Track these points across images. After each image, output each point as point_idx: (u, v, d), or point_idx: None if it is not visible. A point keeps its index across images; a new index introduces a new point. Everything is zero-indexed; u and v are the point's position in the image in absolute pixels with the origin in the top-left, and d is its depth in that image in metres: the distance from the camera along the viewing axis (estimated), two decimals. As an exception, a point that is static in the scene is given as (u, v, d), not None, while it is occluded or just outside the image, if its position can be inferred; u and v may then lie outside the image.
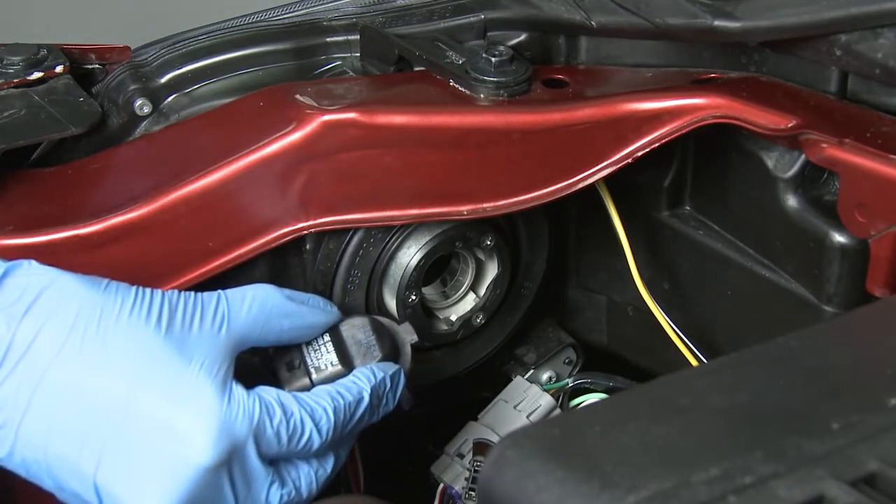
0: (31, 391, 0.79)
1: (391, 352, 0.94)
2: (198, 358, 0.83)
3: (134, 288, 0.84)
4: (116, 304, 0.82)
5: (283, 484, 0.87)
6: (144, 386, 0.81)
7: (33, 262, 0.83)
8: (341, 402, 0.88)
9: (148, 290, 0.84)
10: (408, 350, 0.96)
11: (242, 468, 0.83)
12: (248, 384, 0.86)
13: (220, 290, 0.87)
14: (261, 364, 0.93)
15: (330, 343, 0.92)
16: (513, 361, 1.20)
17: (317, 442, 0.86)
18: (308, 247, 1.02)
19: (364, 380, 0.90)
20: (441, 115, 0.98)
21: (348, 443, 0.92)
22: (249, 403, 0.83)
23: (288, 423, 0.85)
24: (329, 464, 0.90)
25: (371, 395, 0.90)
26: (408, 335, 0.97)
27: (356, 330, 0.94)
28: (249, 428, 0.83)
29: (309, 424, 0.86)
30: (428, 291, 1.09)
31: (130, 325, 0.82)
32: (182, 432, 0.81)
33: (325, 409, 0.87)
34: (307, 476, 0.88)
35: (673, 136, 1.00)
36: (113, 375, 0.81)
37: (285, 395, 0.86)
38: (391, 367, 0.93)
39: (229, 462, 0.82)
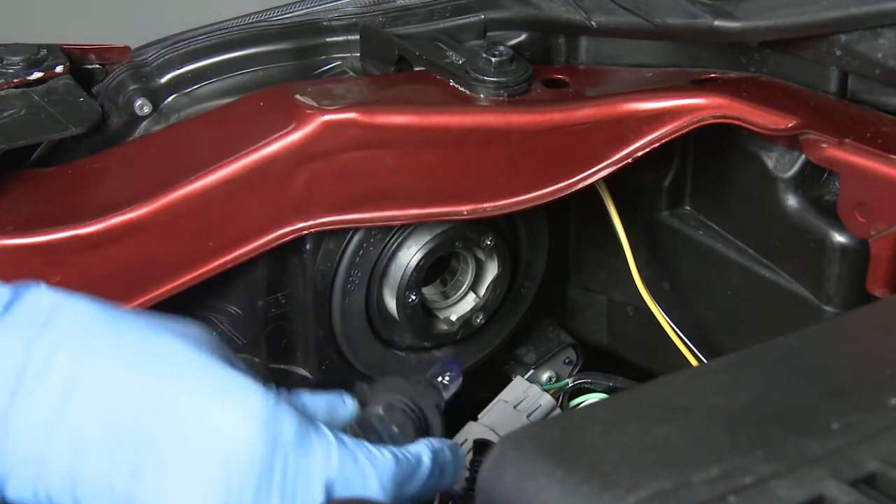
0: (54, 413, 0.73)
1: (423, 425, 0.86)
2: (232, 361, 0.78)
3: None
4: (131, 316, 0.78)
5: None
6: (179, 389, 0.75)
7: (42, 284, 0.78)
8: (402, 456, 0.79)
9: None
10: (437, 417, 0.87)
11: (287, 471, 0.75)
12: None
13: None
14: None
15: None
16: (513, 361, 1.20)
17: (376, 487, 0.77)
18: (308, 247, 1.02)
19: (423, 446, 0.81)
20: (441, 115, 0.98)
21: None
22: (295, 415, 0.75)
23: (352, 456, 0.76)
24: None
25: (432, 461, 0.81)
26: (434, 397, 0.88)
27: (393, 412, 0.85)
28: (297, 430, 0.75)
29: (369, 468, 0.77)
30: (428, 291, 1.09)
31: (153, 332, 0.77)
32: (224, 430, 0.74)
33: (386, 455, 0.78)
34: None
35: (673, 136, 1.00)
36: (141, 383, 0.75)
37: (343, 435, 0.77)
38: (447, 441, 0.84)
39: (274, 464, 0.74)
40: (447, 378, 0.89)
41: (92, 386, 0.74)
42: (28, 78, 1.03)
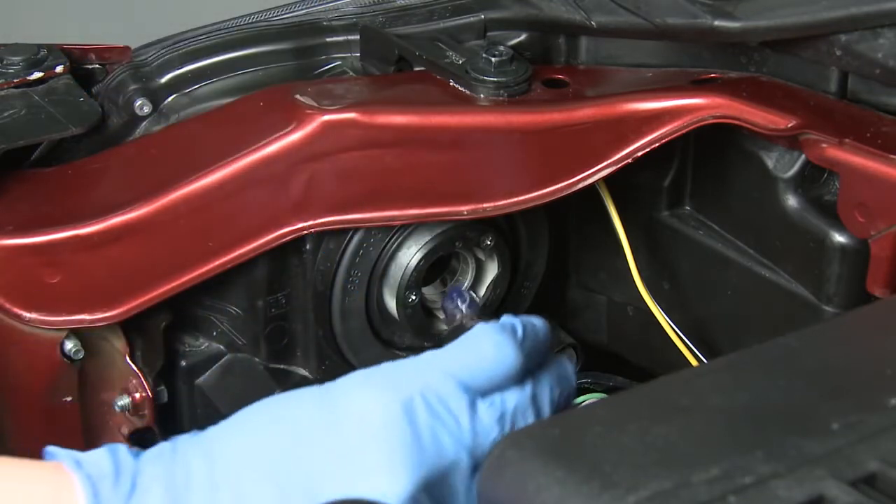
0: None
1: None
2: None
3: None
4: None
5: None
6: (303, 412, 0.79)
7: (120, 447, 0.79)
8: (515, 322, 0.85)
9: None
10: None
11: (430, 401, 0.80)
12: (247, 387, 0.84)
13: None
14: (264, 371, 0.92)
15: None
16: (513, 361, 1.20)
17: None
18: (308, 247, 1.02)
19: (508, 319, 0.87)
20: (441, 115, 0.98)
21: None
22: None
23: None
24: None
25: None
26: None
27: None
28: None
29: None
30: (428, 291, 1.09)
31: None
32: (362, 411, 0.78)
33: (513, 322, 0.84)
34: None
35: (673, 136, 1.00)
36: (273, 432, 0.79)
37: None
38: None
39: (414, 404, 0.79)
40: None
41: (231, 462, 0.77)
42: (28, 78, 1.03)
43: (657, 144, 1.00)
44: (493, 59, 1.01)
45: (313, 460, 0.78)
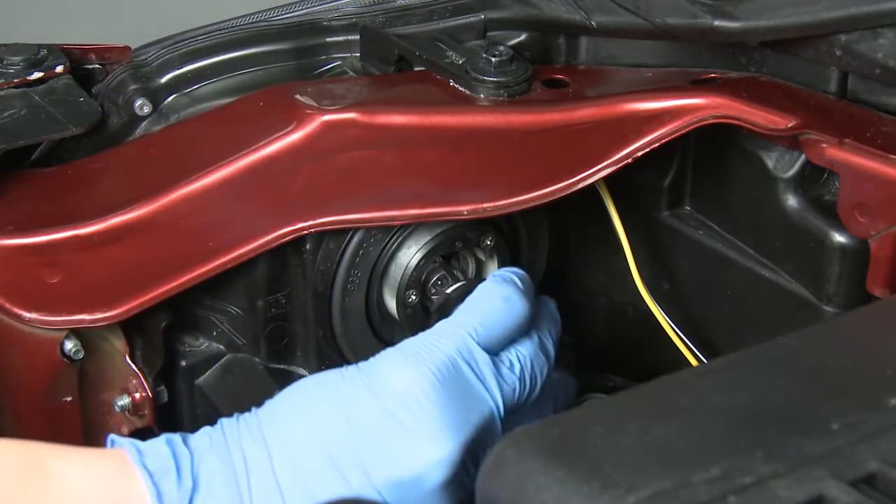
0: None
1: None
2: None
3: None
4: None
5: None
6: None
7: (175, 437, 0.83)
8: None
9: None
10: None
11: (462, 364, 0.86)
12: (247, 387, 0.86)
13: None
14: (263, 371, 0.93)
15: None
16: (513, 361, 1.20)
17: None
18: (308, 247, 1.02)
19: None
20: (441, 115, 0.98)
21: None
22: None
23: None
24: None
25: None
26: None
27: None
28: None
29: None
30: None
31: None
32: (397, 378, 0.85)
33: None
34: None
35: (673, 136, 1.00)
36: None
37: None
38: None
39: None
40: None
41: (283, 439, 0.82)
42: (28, 78, 1.03)
43: (657, 144, 1.00)
44: (493, 59, 1.01)
45: (363, 437, 0.82)
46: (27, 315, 0.93)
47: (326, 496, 0.80)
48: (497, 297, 0.91)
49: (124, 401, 0.98)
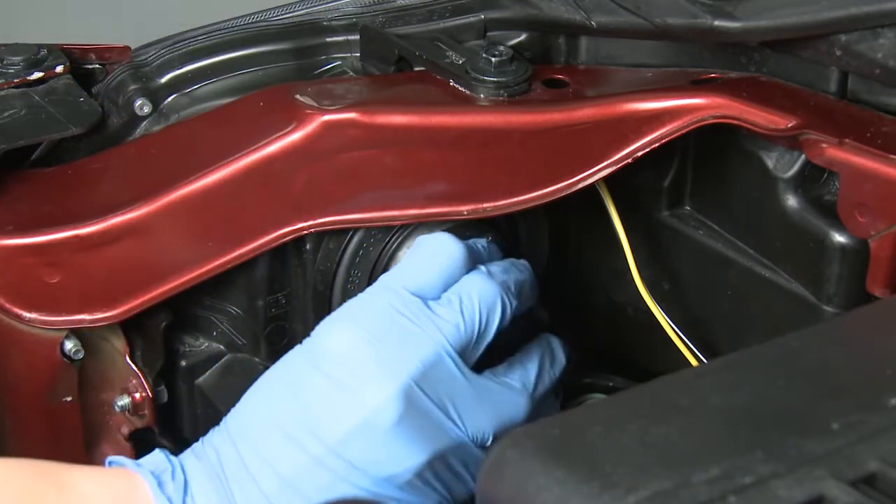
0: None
1: None
2: None
3: None
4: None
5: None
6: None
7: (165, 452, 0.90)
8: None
9: None
10: None
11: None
12: (247, 387, 0.89)
13: None
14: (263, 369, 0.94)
15: None
16: (513, 361, 1.20)
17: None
18: (308, 247, 1.02)
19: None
20: (441, 115, 0.98)
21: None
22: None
23: None
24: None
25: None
26: None
27: None
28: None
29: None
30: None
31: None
32: (328, 343, 0.90)
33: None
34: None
35: (673, 136, 1.00)
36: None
37: None
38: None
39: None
40: None
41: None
42: (28, 78, 1.03)
43: (657, 144, 1.00)
44: (493, 59, 1.01)
45: (309, 402, 0.87)
46: (27, 315, 0.93)
47: (292, 470, 0.85)
48: (426, 242, 0.96)
49: (124, 401, 0.98)
